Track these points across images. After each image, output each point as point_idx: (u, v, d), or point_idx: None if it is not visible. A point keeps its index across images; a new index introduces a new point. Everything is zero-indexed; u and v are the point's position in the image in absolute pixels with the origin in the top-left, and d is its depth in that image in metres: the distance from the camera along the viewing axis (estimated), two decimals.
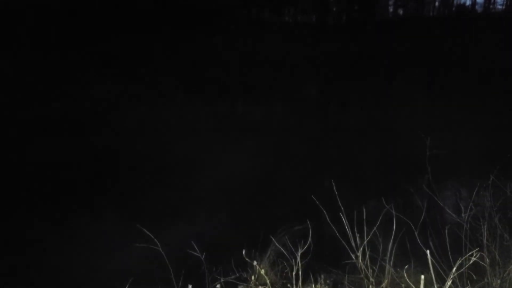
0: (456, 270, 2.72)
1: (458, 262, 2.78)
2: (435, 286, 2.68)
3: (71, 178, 8.98)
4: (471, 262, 2.90)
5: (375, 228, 3.41)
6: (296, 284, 3.28)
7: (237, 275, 4.28)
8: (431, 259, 2.74)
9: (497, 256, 3.66)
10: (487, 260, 3.49)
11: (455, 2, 27.88)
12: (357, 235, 3.30)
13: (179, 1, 20.70)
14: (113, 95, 14.85)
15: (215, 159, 10.43)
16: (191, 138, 12.49)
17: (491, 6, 26.96)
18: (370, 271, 3.30)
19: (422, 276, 2.72)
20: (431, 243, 3.56)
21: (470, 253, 2.93)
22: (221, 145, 11.80)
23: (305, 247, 3.39)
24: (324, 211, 3.55)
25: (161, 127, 13.34)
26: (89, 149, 10.98)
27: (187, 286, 3.20)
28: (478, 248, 3.11)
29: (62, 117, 13.17)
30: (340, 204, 3.48)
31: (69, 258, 5.39)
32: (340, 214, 3.37)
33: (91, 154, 10.62)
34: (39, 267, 5.29)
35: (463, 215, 3.95)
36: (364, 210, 3.38)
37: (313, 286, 3.83)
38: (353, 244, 3.26)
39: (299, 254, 3.28)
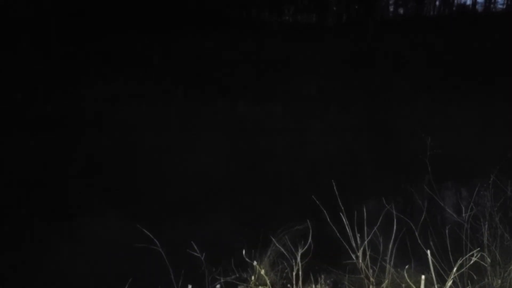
0: (457, 270, 2.71)
1: (459, 262, 2.78)
2: (436, 286, 2.67)
3: (70, 178, 8.98)
4: (471, 262, 2.89)
5: (375, 228, 3.40)
6: (296, 284, 3.27)
7: (237, 275, 4.27)
8: (431, 259, 2.73)
9: (497, 256, 3.65)
10: (488, 260, 3.49)
11: (455, 1, 27.88)
12: (358, 235, 3.29)
13: (180, 1, 20.69)
14: (112, 94, 14.85)
15: (215, 158, 10.42)
16: (190, 137, 12.48)
17: (491, 6, 26.95)
18: (371, 271, 3.30)
19: (423, 276, 2.71)
20: (431, 243, 3.56)
21: (470, 253, 2.92)
22: (220, 144, 11.79)
23: (305, 247, 3.38)
24: (325, 211, 3.54)
25: (161, 127, 13.34)
26: (87, 149, 10.98)
27: (187, 286, 3.19)
28: (478, 248, 3.11)
29: (61, 116, 13.17)
30: (340, 204, 3.47)
31: (68, 258, 5.38)
32: (341, 214, 3.36)
33: (89, 153, 10.62)
34: (36, 268, 5.29)
35: (463, 215, 3.95)
36: (364, 210, 3.38)
37: (313, 286, 3.83)
38: (354, 244, 3.26)
39: (299, 254, 3.28)
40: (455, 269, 2.70)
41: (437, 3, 27.50)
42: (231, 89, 17.39)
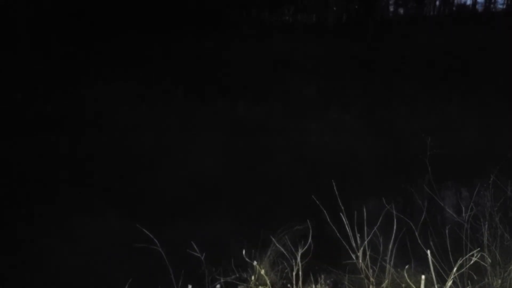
0: (457, 270, 2.71)
1: (459, 262, 2.78)
2: (436, 286, 2.68)
3: (70, 178, 8.99)
4: (471, 262, 2.90)
5: (375, 228, 3.41)
6: (296, 284, 3.27)
7: (237, 275, 4.27)
8: (431, 259, 2.73)
9: (497, 256, 3.65)
10: (488, 260, 3.49)
11: (455, 1, 27.86)
12: (358, 235, 3.29)
13: (180, 1, 20.69)
14: (112, 94, 14.85)
15: (214, 158, 10.43)
16: (190, 137, 12.49)
17: (491, 6, 26.94)
18: (371, 271, 3.30)
19: (423, 276, 2.72)
20: (431, 243, 3.56)
21: (470, 253, 2.92)
22: (220, 144, 11.80)
23: (305, 247, 3.38)
24: (325, 211, 3.54)
25: (161, 127, 13.34)
26: (87, 149, 10.98)
27: (187, 286, 3.19)
28: (478, 248, 3.11)
29: (61, 116, 13.17)
30: (340, 204, 3.47)
31: (68, 258, 5.38)
32: (341, 214, 3.36)
33: (88, 153, 10.62)
34: (36, 268, 5.29)
35: (463, 215, 3.95)
36: (364, 210, 3.38)
37: (313, 286, 3.83)
38: (354, 244, 3.26)
39: (299, 254, 3.28)
40: (455, 269, 2.70)
41: (437, 3, 27.48)
42: (231, 89, 17.38)
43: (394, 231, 3.43)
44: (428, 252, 2.77)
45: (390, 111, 16.14)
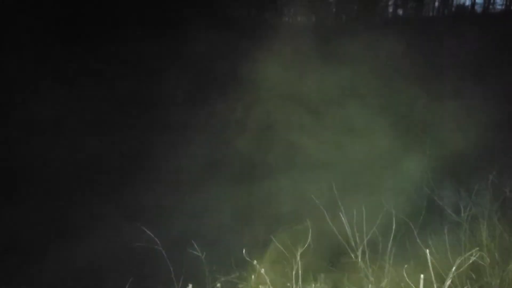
0: (456, 269, 2.72)
1: (458, 261, 2.79)
2: (435, 286, 2.69)
3: (71, 178, 8.98)
4: (470, 261, 2.90)
5: (374, 227, 3.42)
6: (296, 283, 3.28)
7: (237, 274, 4.28)
8: (430, 259, 2.74)
9: (496, 256, 3.66)
10: (487, 259, 3.50)
11: (454, 2, 27.86)
12: (357, 235, 3.30)
13: (179, 2, 20.68)
14: (112, 94, 14.84)
15: (215, 158, 10.43)
16: (190, 137, 12.48)
17: (490, 6, 26.94)
18: (370, 270, 3.31)
19: (422, 276, 2.72)
20: (430, 243, 3.56)
21: (469, 252, 2.93)
22: (220, 144, 11.79)
23: (305, 246, 3.39)
24: (324, 211, 3.55)
25: (161, 127, 13.33)
26: (88, 149, 10.97)
27: (187, 286, 3.20)
28: (477, 248, 3.12)
29: (61, 116, 13.15)
30: (340, 203, 3.48)
31: (68, 258, 5.39)
32: (340, 213, 3.37)
33: (89, 153, 10.61)
34: (37, 267, 5.30)
35: (462, 214, 3.96)
36: (364, 209, 3.39)
37: (313, 285, 3.84)
38: (353, 244, 3.27)
39: (299, 253, 3.29)
40: (454, 268, 2.71)
41: (436, 3, 27.48)
42: (231, 89, 17.37)
43: (393, 231, 3.44)
44: (427, 251, 2.78)
45: (390, 111, 16.13)
